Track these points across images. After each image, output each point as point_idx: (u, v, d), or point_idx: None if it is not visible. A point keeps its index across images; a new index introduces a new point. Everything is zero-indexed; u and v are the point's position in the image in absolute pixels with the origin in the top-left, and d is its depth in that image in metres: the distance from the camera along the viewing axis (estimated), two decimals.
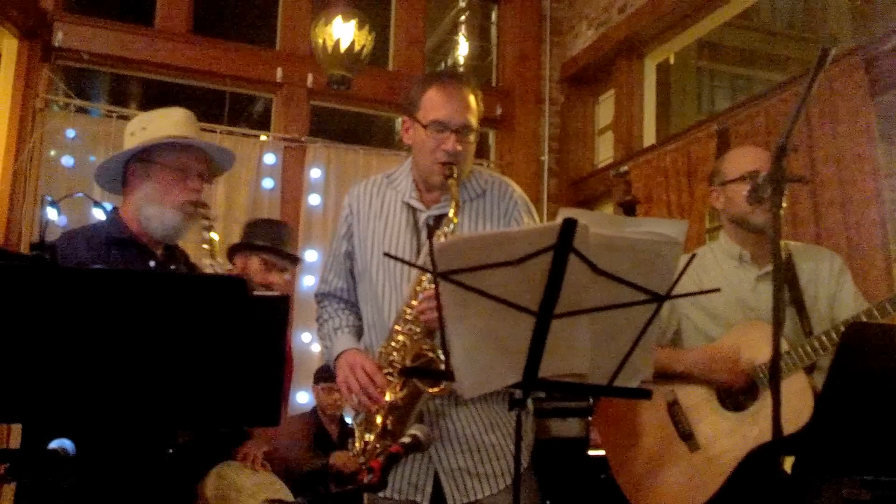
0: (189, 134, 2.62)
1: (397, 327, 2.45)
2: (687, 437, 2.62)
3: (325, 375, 4.97)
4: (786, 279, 2.65)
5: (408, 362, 2.39)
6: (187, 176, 2.57)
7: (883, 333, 1.96)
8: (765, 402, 2.47)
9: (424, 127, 2.49)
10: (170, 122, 2.62)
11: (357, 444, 2.48)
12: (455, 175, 2.44)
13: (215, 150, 2.71)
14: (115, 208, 2.65)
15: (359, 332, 2.65)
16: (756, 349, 2.53)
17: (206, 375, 1.70)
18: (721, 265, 2.76)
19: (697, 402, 2.64)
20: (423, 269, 2.34)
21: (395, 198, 2.63)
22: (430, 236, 2.48)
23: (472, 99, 2.53)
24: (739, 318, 2.64)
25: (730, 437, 2.53)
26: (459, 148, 2.46)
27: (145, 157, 2.58)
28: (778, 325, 1.89)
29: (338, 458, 4.56)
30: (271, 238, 3.97)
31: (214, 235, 2.51)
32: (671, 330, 2.79)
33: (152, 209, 2.55)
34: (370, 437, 2.43)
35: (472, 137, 2.52)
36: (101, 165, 2.65)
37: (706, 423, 2.60)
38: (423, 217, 2.57)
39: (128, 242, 2.54)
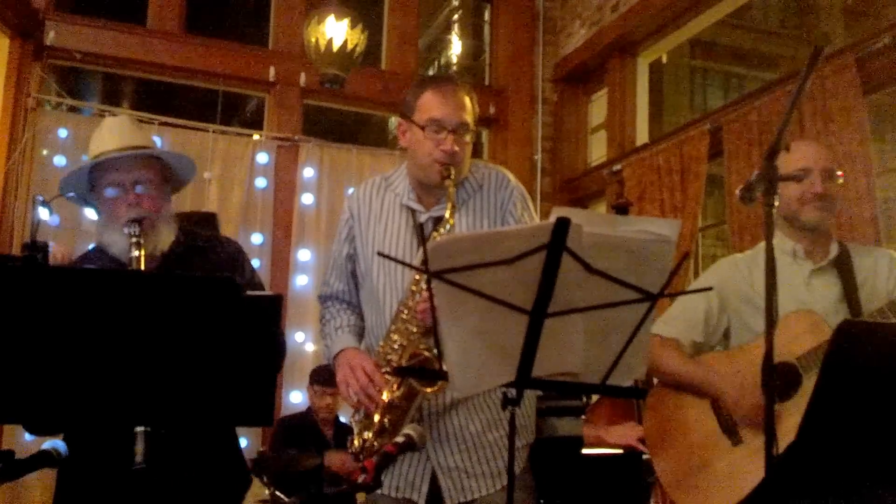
0: (113, 146, 2.43)
1: (394, 327, 2.46)
2: (730, 431, 2.61)
3: (319, 378, 4.97)
4: (841, 274, 2.63)
5: (404, 362, 2.40)
6: (123, 191, 2.41)
7: (872, 332, 1.96)
8: (808, 390, 2.44)
9: (422, 128, 2.50)
10: (97, 143, 2.47)
11: (356, 442, 2.49)
12: (452, 176, 2.45)
13: (132, 154, 2.45)
14: None
15: (360, 332, 2.66)
16: (799, 339, 2.50)
17: (199, 375, 1.70)
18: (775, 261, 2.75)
19: None
20: (416, 269, 2.35)
21: (395, 200, 2.64)
22: (421, 237, 2.49)
23: (467, 100, 2.55)
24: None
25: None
26: (457, 148, 2.48)
27: (91, 185, 2.48)
28: (771, 325, 1.88)
29: (332, 459, 4.55)
30: None
31: (140, 253, 2.30)
32: (721, 328, 2.77)
33: (106, 237, 2.45)
34: (368, 435, 2.44)
35: (468, 137, 2.54)
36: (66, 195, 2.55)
37: None
38: (422, 218, 2.57)
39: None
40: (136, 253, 2.31)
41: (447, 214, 2.45)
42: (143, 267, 2.30)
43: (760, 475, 2.44)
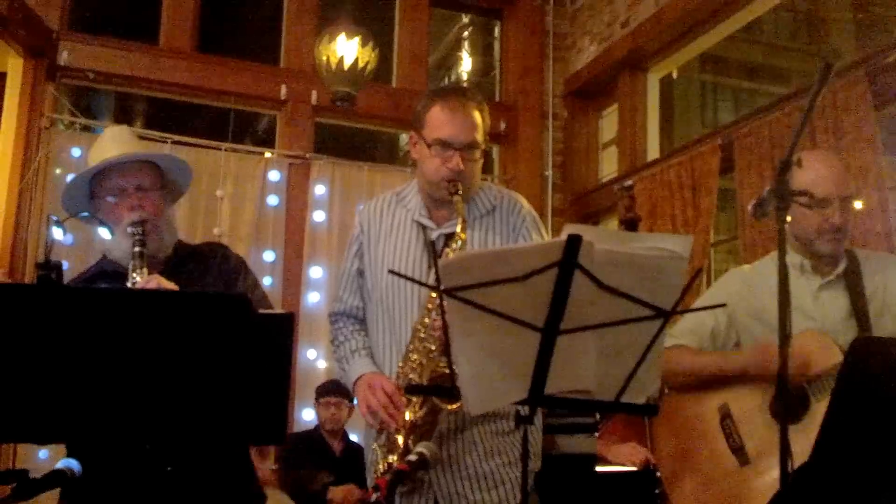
0: (114, 152, 2.47)
1: (412, 346, 2.44)
2: (738, 450, 2.58)
3: (323, 390, 4.99)
4: (850, 288, 2.60)
5: (425, 381, 2.37)
6: (125, 196, 2.44)
7: (888, 347, 1.95)
8: (816, 414, 2.41)
9: (429, 145, 2.50)
10: (98, 152, 2.51)
11: (380, 466, 2.46)
12: (460, 192, 2.44)
13: (135, 158, 2.50)
14: None
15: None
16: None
17: (212, 393, 1.70)
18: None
19: (749, 413, 2.59)
20: (427, 287, 2.34)
21: (406, 216, 2.63)
22: (433, 254, 2.49)
23: (476, 115, 2.52)
24: (799, 328, 2.56)
25: (778, 451, 2.50)
26: (463, 166, 2.47)
27: (92, 193, 2.51)
28: (784, 339, 1.87)
29: (336, 494, 4.55)
30: None
31: (143, 250, 2.34)
32: (729, 344, 2.75)
33: (108, 242, 2.48)
34: (393, 459, 2.40)
35: (477, 154, 2.52)
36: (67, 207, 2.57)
37: (757, 436, 2.55)
38: (433, 235, 2.56)
39: (114, 275, 2.47)
40: (137, 249, 2.34)
41: (458, 230, 2.44)
42: (146, 265, 2.32)
43: (767, 497, 2.44)
